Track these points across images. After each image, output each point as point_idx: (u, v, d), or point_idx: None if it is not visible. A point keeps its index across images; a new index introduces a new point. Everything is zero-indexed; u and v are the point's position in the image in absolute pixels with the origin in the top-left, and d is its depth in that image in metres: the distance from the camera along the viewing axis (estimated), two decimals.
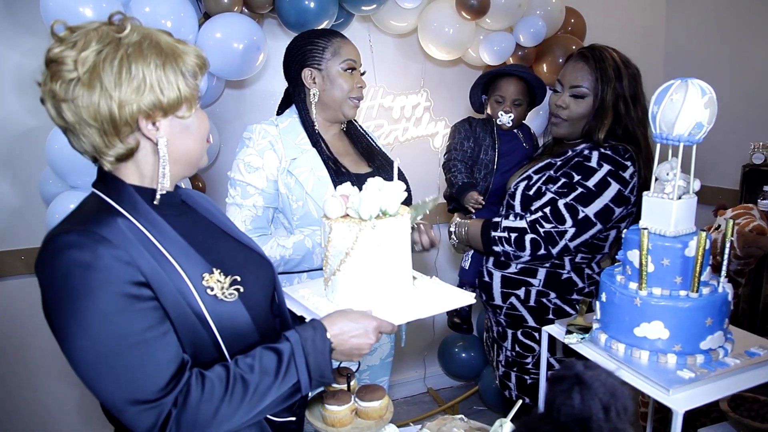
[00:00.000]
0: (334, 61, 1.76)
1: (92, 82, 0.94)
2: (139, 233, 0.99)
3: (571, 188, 1.79)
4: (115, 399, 0.93)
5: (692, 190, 1.37)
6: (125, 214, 1.00)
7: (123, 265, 0.93)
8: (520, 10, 2.71)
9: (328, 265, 1.28)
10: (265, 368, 1.02)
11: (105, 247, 0.92)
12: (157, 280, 0.97)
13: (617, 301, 1.37)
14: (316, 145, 1.76)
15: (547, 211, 1.80)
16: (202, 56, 1.06)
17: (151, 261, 0.97)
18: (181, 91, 1.01)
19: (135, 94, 0.96)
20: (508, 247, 1.84)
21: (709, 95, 1.29)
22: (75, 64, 0.94)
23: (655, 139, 1.36)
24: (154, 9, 2.13)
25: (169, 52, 1.01)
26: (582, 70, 1.87)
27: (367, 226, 1.22)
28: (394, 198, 1.26)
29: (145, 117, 0.99)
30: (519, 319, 1.97)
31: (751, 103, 3.21)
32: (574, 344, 1.46)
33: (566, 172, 1.83)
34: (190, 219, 1.15)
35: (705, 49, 3.51)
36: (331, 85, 1.76)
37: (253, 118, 2.77)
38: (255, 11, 2.44)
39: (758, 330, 2.53)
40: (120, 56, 0.96)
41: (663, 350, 1.31)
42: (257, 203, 1.72)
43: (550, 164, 1.91)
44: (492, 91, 2.22)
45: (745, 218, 2.21)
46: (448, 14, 2.66)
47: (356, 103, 1.80)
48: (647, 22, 3.70)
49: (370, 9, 2.57)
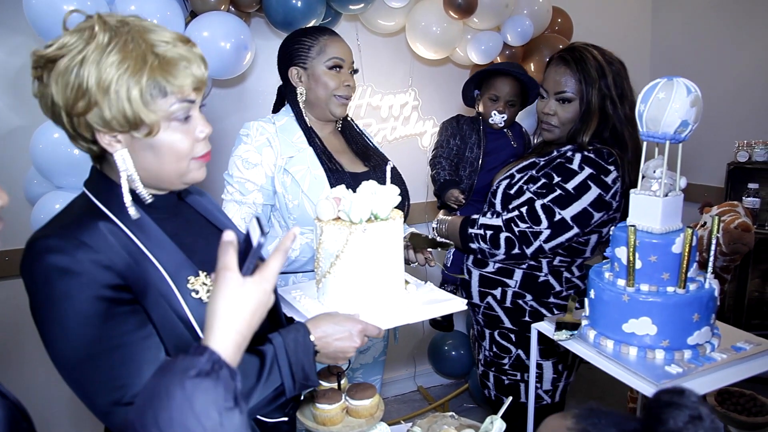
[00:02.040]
0: (319, 59, 1.75)
1: (46, 86, 0.93)
2: (122, 236, 0.98)
3: (549, 189, 1.77)
4: (98, 401, 0.93)
5: (678, 187, 1.38)
6: (111, 216, 0.99)
7: (102, 269, 0.93)
8: (507, 10, 2.72)
9: (319, 267, 1.28)
10: (246, 372, 1.01)
11: (84, 252, 0.92)
12: (138, 283, 0.97)
13: (606, 297, 1.38)
14: (312, 143, 1.75)
15: (523, 211, 1.78)
16: (198, 77, 0.97)
17: (132, 264, 0.96)
18: (135, 112, 0.92)
19: (81, 105, 0.91)
20: (484, 245, 1.84)
21: (694, 94, 1.30)
22: (40, 61, 0.93)
23: (642, 136, 1.37)
24: (140, 7, 2.10)
25: (147, 65, 0.92)
26: (564, 74, 1.83)
27: (357, 230, 1.21)
28: (387, 202, 1.26)
29: (101, 130, 0.94)
30: (495, 319, 1.96)
31: (736, 101, 3.25)
32: (563, 341, 1.47)
33: (547, 173, 1.81)
34: (183, 220, 1.14)
35: (691, 48, 3.55)
36: (315, 84, 1.75)
37: (240, 117, 2.76)
38: (242, 10, 2.43)
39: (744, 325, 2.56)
40: (74, 60, 0.90)
41: (651, 346, 1.32)
42: (257, 200, 1.71)
43: (534, 164, 1.90)
44: (486, 89, 2.21)
45: (730, 215, 2.24)
46: (436, 13, 2.67)
47: (343, 101, 1.78)
48: (634, 21, 3.74)
49: (357, 8, 2.57)
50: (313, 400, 1.30)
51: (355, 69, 1.83)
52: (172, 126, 0.98)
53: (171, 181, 1.04)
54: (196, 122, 1.01)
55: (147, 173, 1.01)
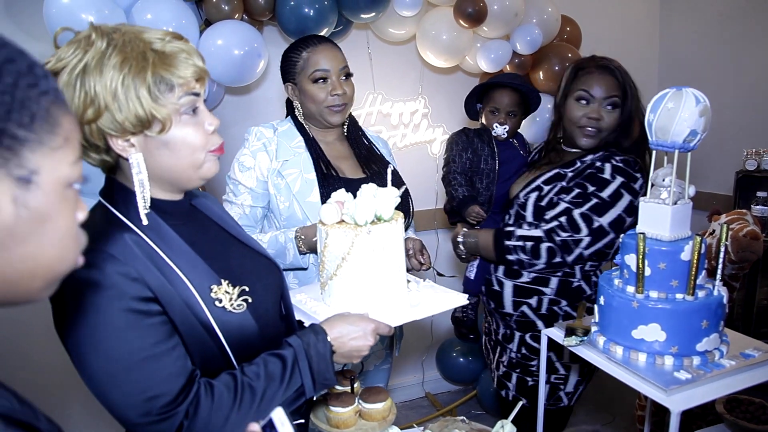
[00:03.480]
0: (304, 74, 1.78)
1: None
2: (147, 247, 0.99)
3: (585, 198, 1.83)
4: (128, 413, 0.95)
5: (687, 195, 1.40)
6: (132, 227, 0.99)
7: (130, 282, 0.94)
8: (516, 19, 2.74)
9: (324, 269, 1.30)
10: (270, 374, 1.04)
11: (112, 265, 0.93)
12: (165, 294, 0.98)
13: (615, 304, 1.40)
14: (309, 148, 1.79)
15: (562, 221, 1.83)
16: (200, 67, 0.99)
17: (158, 275, 0.97)
18: (146, 110, 0.93)
19: (90, 112, 0.92)
20: (523, 256, 1.86)
21: (703, 103, 1.32)
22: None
23: (651, 145, 1.39)
24: (156, 16, 2.15)
25: (149, 62, 0.93)
26: (611, 81, 1.88)
27: (362, 232, 1.24)
28: (389, 204, 1.29)
29: (114, 134, 0.95)
30: (529, 324, 2.00)
31: (745, 109, 3.25)
32: (573, 347, 1.48)
33: (580, 183, 1.87)
34: (198, 225, 1.15)
35: (699, 56, 3.56)
36: (305, 98, 1.79)
37: (253, 124, 2.77)
38: (255, 18, 2.47)
39: (753, 333, 2.56)
40: (76, 70, 0.91)
41: (660, 352, 1.34)
42: (245, 202, 1.78)
43: (560, 175, 1.94)
44: (487, 102, 2.23)
45: (739, 223, 2.24)
46: (446, 22, 2.70)
47: (338, 109, 1.78)
48: (642, 29, 3.75)
49: (369, 17, 2.61)
50: (326, 403, 1.32)
51: (348, 73, 1.81)
52: (183, 120, 0.99)
53: (189, 177, 1.04)
54: (203, 115, 1.03)
55: (163, 172, 1.02)
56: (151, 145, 0.99)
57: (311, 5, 2.39)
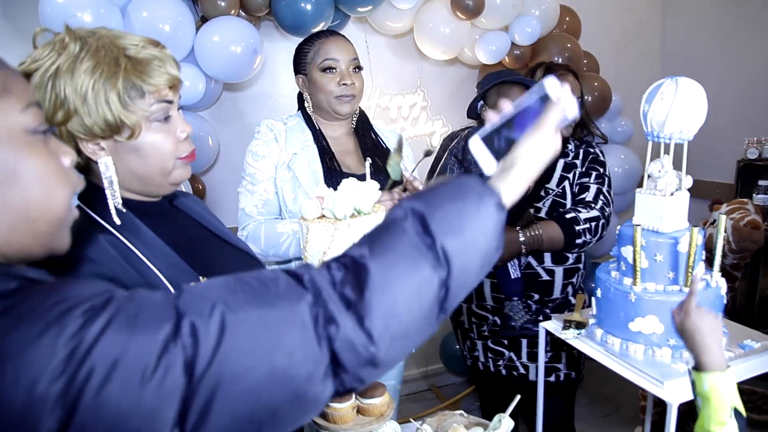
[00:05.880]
0: (314, 64, 1.78)
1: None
2: (122, 247, 0.98)
3: (602, 178, 2.10)
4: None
5: (684, 186, 1.39)
6: (108, 227, 0.99)
7: (106, 283, 0.94)
8: (515, 10, 2.73)
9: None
10: None
11: (86, 266, 0.92)
12: None
13: (612, 296, 1.39)
14: (317, 142, 1.80)
15: (602, 198, 2.06)
16: (173, 75, 0.99)
17: (134, 274, 0.97)
18: (116, 115, 0.93)
19: (60, 115, 0.92)
20: (589, 237, 2.00)
21: (698, 93, 1.31)
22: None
23: (647, 137, 1.38)
24: (152, 13, 2.15)
25: (121, 68, 0.93)
26: (577, 82, 2.14)
27: (342, 226, 1.24)
28: (368, 197, 1.29)
29: (83, 138, 0.95)
30: (567, 304, 2.13)
31: (746, 98, 3.23)
32: (570, 339, 1.48)
33: (592, 167, 2.12)
34: (178, 225, 1.14)
35: (701, 46, 3.53)
36: (315, 89, 1.79)
37: (251, 120, 2.80)
38: (252, 14, 2.46)
39: (755, 323, 2.56)
40: (48, 72, 0.91)
41: (658, 344, 1.34)
42: (268, 188, 1.76)
43: (573, 164, 2.13)
44: (500, 98, 2.16)
45: (740, 213, 2.24)
46: (444, 14, 2.68)
47: (346, 100, 1.78)
48: (643, 19, 3.73)
49: (365, 10, 2.59)
50: None
51: (358, 66, 1.82)
52: (153, 127, 0.99)
53: (158, 183, 1.04)
54: (176, 122, 1.02)
55: (133, 177, 1.02)
56: (120, 149, 0.98)
57: (308, 0, 2.38)
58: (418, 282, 0.67)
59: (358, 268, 0.66)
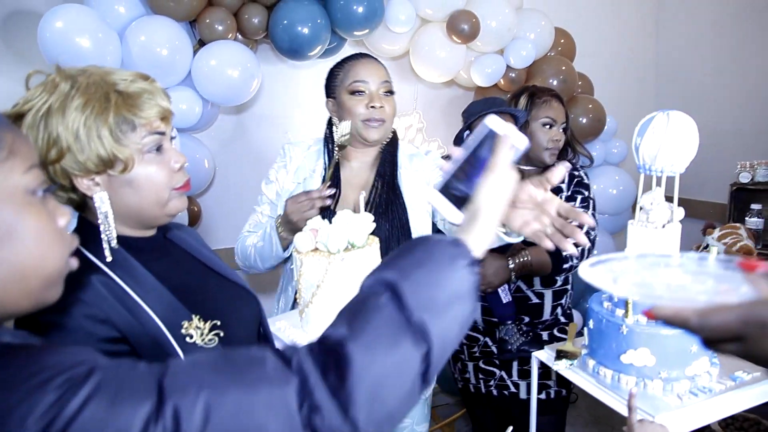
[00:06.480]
0: (342, 86, 1.71)
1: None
2: (115, 287, 0.99)
3: (586, 201, 2.13)
4: None
5: (676, 219, 1.40)
6: (101, 266, 1.00)
7: (98, 324, 0.94)
8: (510, 33, 2.76)
9: (301, 297, 1.31)
10: None
11: (79, 308, 0.93)
12: (133, 333, 0.97)
13: (604, 328, 1.40)
14: (327, 170, 1.74)
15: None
16: (163, 107, 1.00)
17: (126, 315, 0.97)
18: (108, 150, 0.95)
19: (53, 153, 0.93)
20: (576, 261, 2.02)
21: (690, 127, 1.33)
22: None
23: (639, 170, 1.40)
24: (150, 37, 2.16)
25: (111, 103, 0.95)
26: (562, 107, 2.14)
27: (335, 259, 1.25)
28: (362, 230, 1.29)
29: (78, 174, 0.96)
30: (557, 322, 2.17)
31: (739, 120, 3.26)
32: (562, 370, 1.49)
33: (577, 190, 2.15)
34: (172, 260, 1.15)
35: (694, 67, 3.57)
36: (343, 112, 1.71)
37: (248, 142, 2.81)
38: (249, 38, 2.48)
39: None
40: (40, 112, 0.93)
41: (649, 376, 1.34)
42: (264, 211, 1.79)
43: (558, 188, 2.14)
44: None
45: (732, 238, 2.25)
46: (439, 38, 2.71)
47: (374, 125, 1.68)
48: (637, 41, 3.76)
49: (362, 34, 2.61)
50: None
51: (390, 90, 1.72)
52: (146, 158, 1.00)
53: (154, 215, 1.05)
54: (169, 154, 1.03)
55: (129, 210, 1.03)
56: (115, 183, 1.00)
57: (305, 24, 2.40)
58: (400, 361, 0.67)
59: (339, 355, 0.66)
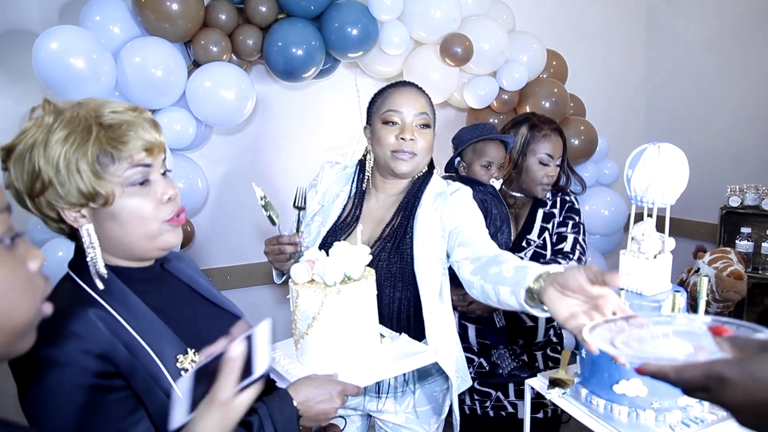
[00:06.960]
0: (377, 114, 1.64)
1: (10, 175, 0.98)
2: (111, 320, 0.98)
3: (577, 227, 2.20)
4: None
5: (667, 249, 1.42)
6: (97, 299, 1.00)
7: (93, 358, 0.94)
8: (503, 56, 2.78)
9: (297, 328, 1.31)
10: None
11: (74, 342, 0.93)
12: (128, 367, 0.97)
13: (596, 358, 1.40)
14: (350, 199, 1.70)
15: (578, 248, 2.17)
16: (147, 140, 1.00)
17: (122, 349, 0.97)
18: (88, 184, 0.95)
19: (37, 186, 0.95)
20: None
21: (680, 160, 1.35)
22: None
23: (630, 200, 1.41)
24: (144, 58, 2.17)
25: (92, 136, 0.95)
26: (561, 143, 2.20)
27: (332, 292, 1.24)
28: (358, 263, 1.29)
29: (63, 206, 0.97)
30: (549, 342, 2.23)
31: (729, 143, 3.30)
32: (555, 399, 1.49)
33: (568, 215, 2.23)
34: (168, 290, 1.15)
35: (685, 89, 3.61)
36: (375, 141, 1.64)
37: (240, 161, 2.81)
38: (243, 59, 2.49)
39: None
40: (26, 145, 0.95)
41: (642, 407, 1.35)
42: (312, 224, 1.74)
43: (552, 214, 2.22)
44: (477, 156, 2.19)
45: (723, 262, 2.27)
46: (432, 60, 2.73)
47: (403, 157, 1.58)
48: (627, 63, 3.81)
49: (356, 56, 2.63)
50: None
51: (427, 123, 1.62)
52: (129, 191, 0.99)
53: (143, 248, 1.04)
54: (156, 186, 1.03)
55: (115, 243, 1.02)
56: (99, 216, 1.00)
57: (299, 46, 2.41)
58: None
59: None
